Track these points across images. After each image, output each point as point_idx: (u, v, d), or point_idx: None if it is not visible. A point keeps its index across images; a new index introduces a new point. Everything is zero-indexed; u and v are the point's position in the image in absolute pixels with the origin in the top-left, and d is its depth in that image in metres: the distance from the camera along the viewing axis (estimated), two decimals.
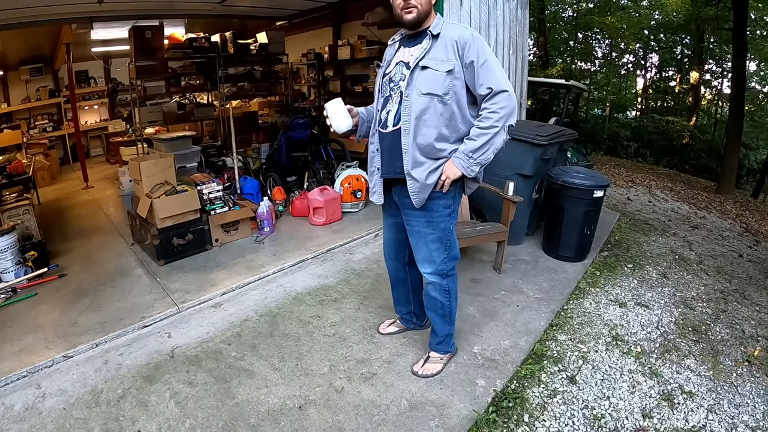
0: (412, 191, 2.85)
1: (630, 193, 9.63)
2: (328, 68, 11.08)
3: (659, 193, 10.42)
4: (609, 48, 21.39)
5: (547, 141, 4.97)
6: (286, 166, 7.29)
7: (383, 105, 2.95)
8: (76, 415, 3.10)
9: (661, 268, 5.34)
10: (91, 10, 6.63)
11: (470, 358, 3.50)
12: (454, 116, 2.76)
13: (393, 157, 2.91)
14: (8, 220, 5.58)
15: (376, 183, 3.11)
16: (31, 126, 11.35)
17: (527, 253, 5.31)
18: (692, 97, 19.74)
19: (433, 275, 3.11)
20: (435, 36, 2.73)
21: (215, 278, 4.84)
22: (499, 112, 2.62)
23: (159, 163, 5.44)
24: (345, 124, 2.97)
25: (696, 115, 19.28)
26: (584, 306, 4.38)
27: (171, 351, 3.72)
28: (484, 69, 2.63)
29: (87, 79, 12.10)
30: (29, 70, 11.18)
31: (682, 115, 20.07)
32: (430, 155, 2.79)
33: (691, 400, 3.22)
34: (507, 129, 2.68)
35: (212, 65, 8.71)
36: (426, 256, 3.07)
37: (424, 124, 2.74)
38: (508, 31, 6.33)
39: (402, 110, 2.79)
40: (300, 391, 3.21)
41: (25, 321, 4.30)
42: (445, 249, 3.04)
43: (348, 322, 4.02)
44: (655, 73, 22.95)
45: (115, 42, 9.02)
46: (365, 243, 5.68)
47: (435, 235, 2.99)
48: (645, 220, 7.41)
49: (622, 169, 12.67)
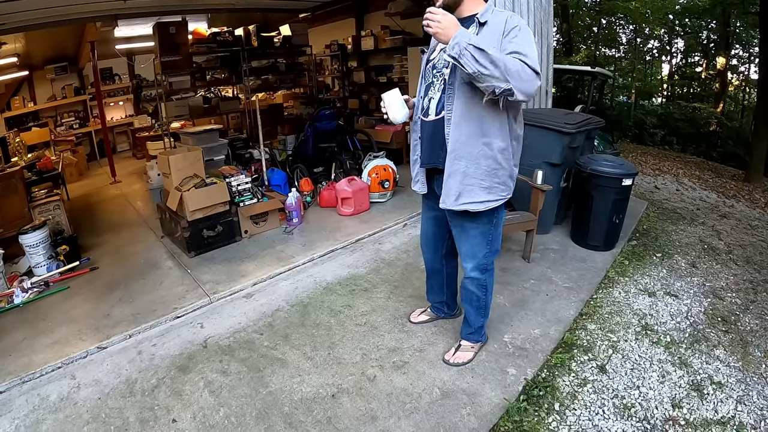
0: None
1: (657, 182, 9.50)
2: (351, 59, 11.09)
3: (687, 181, 10.28)
4: (634, 34, 21.06)
5: (575, 129, 4.90)
6: (313, 157, 7.31)
7: (425, 92, 2.89)
8: (111, 404, 3.16)
9: (690, 257, 5.26)
10: (116, 8, 6.70)
11: (501, 347, 3.49)
12: (500, 114, 2.64)
13: (434, 146, 2.86)
14: (39, 216, 5.70)
15: (419, 172, 3.09)
16: (58, 123, 11.55)
17: (555, 242, 5.26)
18: (719, 83, 19.41)
19: (474, 270, 3.07)
20: (482, 23, 2.59)
21: (245, 269, 4.88)
22: (521, 71, 2.32)
23: (188, 157, 5.49)
24: (401, 115, 2.93)
25: (723, 102, 18.95)
26: (613, 295, 4.33)
27: (204, 341, 3.77)
28: (520, 45, 2.44)
29: (111, 76, 12.29)
30: (54, 69, 11.37)
31: (709, 102, 19.70)
32: (471, 149, 2.69)
33: (721, 391, 3.17)
34: (504, 89, 2.32)
35: (236, 59, 8.76)
36: (468, 251, 3.05)
37: (466, 114, 2.63)
38: (532, 17, 6.25)
39: (445, 99, 2.71)
40: (333, 379, 3.23)
41: (59, 314, 4.38)
42: (487, 243, 3.00)
43: (379, 311, 4.03)
44: (681, 59, 22.57)
45: (139, 39, 9.12)
46: (394, 233, 5.68)
47: (478, 229, 2.94)
48: (673, 209, 7.30)
49: (649, 157, 12.51)
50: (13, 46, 8.37)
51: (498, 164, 2.72)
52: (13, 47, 8.45)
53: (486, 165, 2.70)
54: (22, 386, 3.41)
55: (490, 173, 2.73)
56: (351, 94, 11.10)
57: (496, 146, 2.68)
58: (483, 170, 2.71)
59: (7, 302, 4.62)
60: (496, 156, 2.70)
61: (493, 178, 2.74)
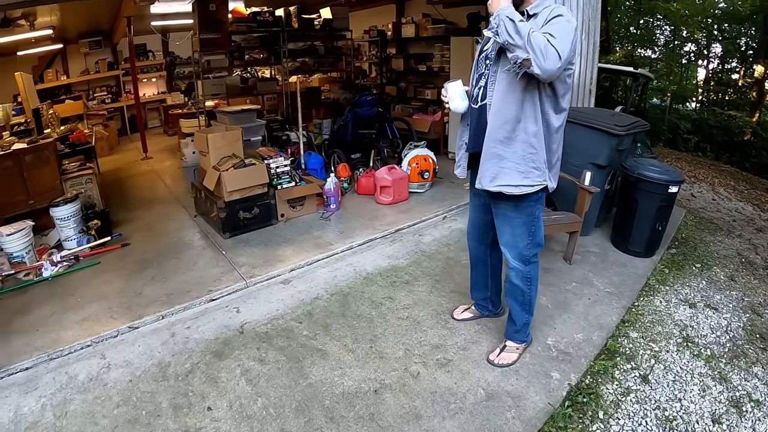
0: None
1: (693, 189, 9.32)
2: (390, 46, 11.02)
3: (723, 191, 10.09)
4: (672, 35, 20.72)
5: (624, 132, 4.80)
6: (351, 143, 7.26)
7: (477, 81, 2.95)
8: (143, 388, 3.11)
9: (729, 270, 5.15)
10: None
11: (544, 350, 3.43)
12: (534, 100, 2.69)
13: (478, 132, 2.92)
14: (71, 189, 5.69)
15: (462, 157, 3.17)
16: (90, 98, 11.60)
17: (595, 245, 5.17)
18: (756, 91, 19.02)
19: (516, 260, 3.09)
20: (532, 15, 2.69)
21: (282, 254, 4.84)
22: (543, 47, 2.35)
23: (226, 136, 5.44)
24: (463, 106, 3.01)
25: (759, 111, 18.58)
26: (655, 304, 4.25)
27: (240, 326, 3.72)
28: (554, 29, 2.46)
29: (145, 52, 12.31)
30: (89, 43, 11.39)
31: (745, 110, 19.35)
32: (508, 133, 2.76)
33: (758, 409, 3.10)
34: (523, 58, 2.40)
35: (276, 39, 8.67)
36: (509, 240, 3.07)
37: (505, 99, 2.71)
38: (581, 14, 6.11)
39: (488, 85, 2.81)
40: (375, 374, 3.17)
41: (88, 289, 4.34)
42: (529, 234, 3.02)
43: (421, 305, 3.97)
44: (718, 64, 22.18)
45: (174, 16, 9.06)
46: (434, 225, 5.60)
47: (521, 219, 2.98)
48: (710, 219, 7.17)
49: (684, 163, 12.28)
50: (48, 18, 8.33)
51: (533, 148, 2.78)
52: (48, 19, 8.41)
53: (522, 149, 2.77)
54: (50, 363, 3.37)
55: (525, 158, 2.78)
56: (388, 81, 11.04)
57: (531, 130, 2.74)
58: (519, 155, 2.78)
59: (35, 275, 4.61)
60: (530, 140, 2.76)
61: (529, 162, 2.79)
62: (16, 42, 8.72)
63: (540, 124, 2.74)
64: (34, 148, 5.74)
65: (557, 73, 2.41)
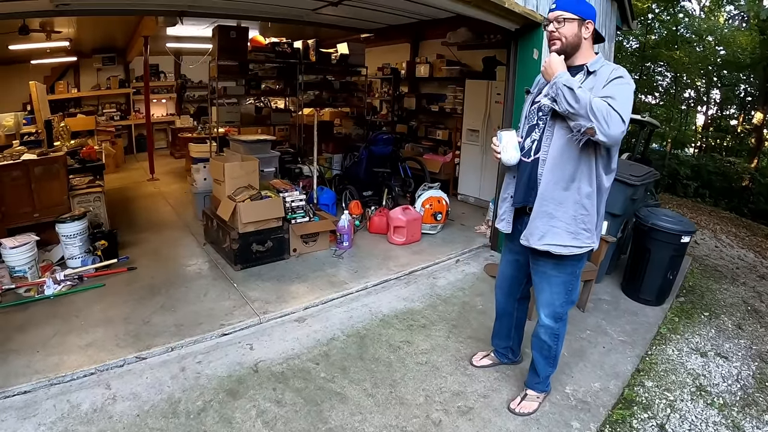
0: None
1: (697, 236, 9.38)
2: (402, 84, 11.05)
3: (724, 238, 10.15)
4: (673, 81, 20.88)
5: (640, 182, 4.89)
6: (364, 180, 7.24)
7: (528, 133, 2.90)
8: (152, 424, 2.99)
9: (736, 318, 5.21)
10: (184, 4, 6.57)
11: (563, 399, 3.42)
12: (591, 161, 2.65)
13: (529, 187, 2.86)
14: (78, 206, 5.61)
15: (506, 211, 3.09)
16: (99, 113, 11.62)
17: (607, 293, 5.20)
18: (755, 138, 19.20)
19: (548, 318, 3.05)
20: (591, 72, 2.66)
21: (296, 290, 4.80)
22: (606, 114, 2.34)
23: (244, 166, 5.44)
24: (515, 157, 2.90)
25: (758, 158, 18.73)
26: (667, 353, 4.27)
27: (254, 364, 3.65)
28: (615, 92, 2.47)
29: (157, 72, 12.41)
30: (102, 58, 11.53)
31: (743, 156, 19.50)
32: (561, 192, 2.71)
33: None
34: (587, 127, 2.40)
35: (293, 71, 8.73)
36: (547, 299, 3.02)
37: (560, 157, 2.67)
38: None
39: (543, 140, 2.75)
40: (396, 420, 3.12)
41: (93, 313, 4.24)
42: (566, 292, 2.98)
43: (439, 350, 3.94)
44: (716, 110, 22.36)
45: (189, 39, 9.10)
46: (447, 268, 5.60)
47: (561, 278, 2.92)
48: (714, 267, 7.22)
49: (685, 209, 12.35)
50: (66, 30, 8.35)
51: (585, 210, 2.73)
52: (66, 32, 8.44)
53: (573, 210, 2.72)
54: (50, 389, 3.27)
55: (576, 218, 2.74)
56: (399, 119, 11.04)
57: (584, 191, 2.70)
58: (570, 215, 2.73)
59: (36, 292, 4.52)
60: (583, 201, 2.71)
61: (580, 224, 2.75)
62: (31, 50, 8.75)
63: (594, 186, 2.70)
64: (44, 160, 5.63)
65: (621, 137, 2.41)
